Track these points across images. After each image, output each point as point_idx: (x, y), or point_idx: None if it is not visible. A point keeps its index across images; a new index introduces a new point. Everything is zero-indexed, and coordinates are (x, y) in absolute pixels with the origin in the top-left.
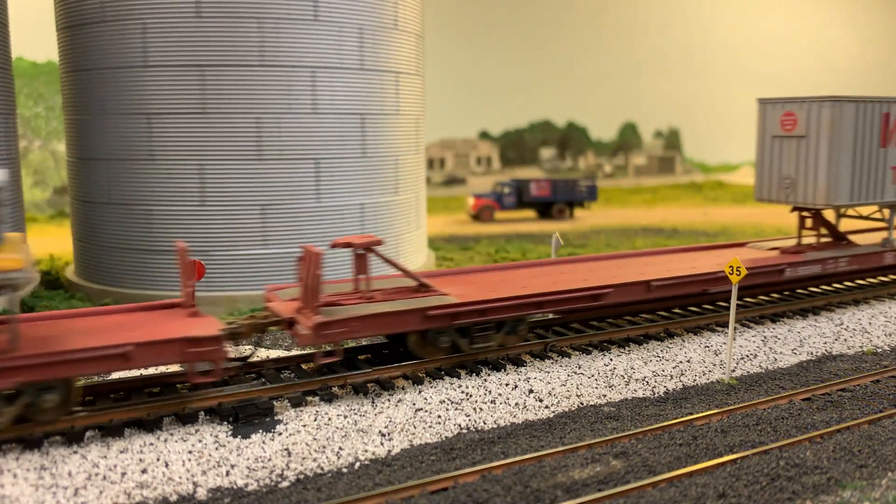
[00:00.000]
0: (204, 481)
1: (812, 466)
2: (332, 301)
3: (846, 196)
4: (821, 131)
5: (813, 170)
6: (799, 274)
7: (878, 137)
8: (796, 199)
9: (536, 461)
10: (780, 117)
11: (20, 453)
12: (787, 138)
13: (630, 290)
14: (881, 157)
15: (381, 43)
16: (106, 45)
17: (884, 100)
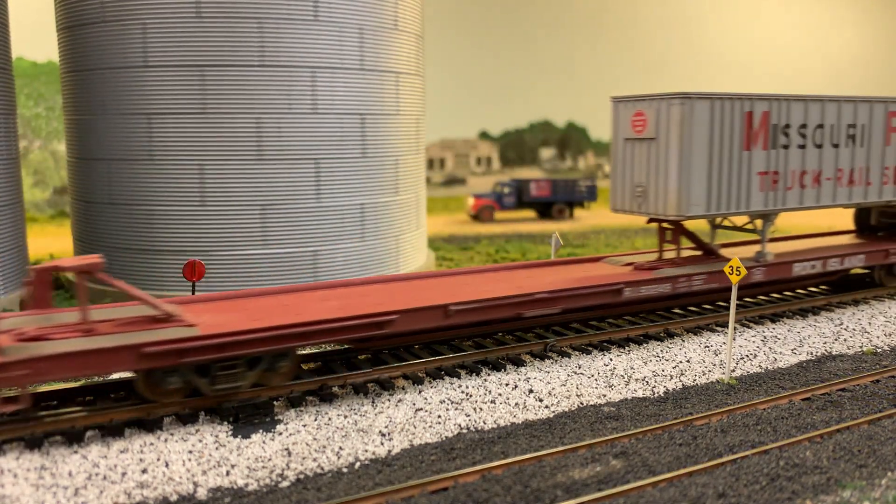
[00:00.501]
0: (204, 481)
1: (812, 466)
2: (39, 335)
3: (702, 206)
4: (670, 133)
5: (663, 177)
6: (641, 294)
7: (740, 139)
8: (648, 209)
9: (536, 461)
10: (631, 118)
11: (20, 453)
12: (639, 141)
13: (423, 317)
14: (745, 161)
15: (381, 43)
16: (106, 45)
17: (745, 96)
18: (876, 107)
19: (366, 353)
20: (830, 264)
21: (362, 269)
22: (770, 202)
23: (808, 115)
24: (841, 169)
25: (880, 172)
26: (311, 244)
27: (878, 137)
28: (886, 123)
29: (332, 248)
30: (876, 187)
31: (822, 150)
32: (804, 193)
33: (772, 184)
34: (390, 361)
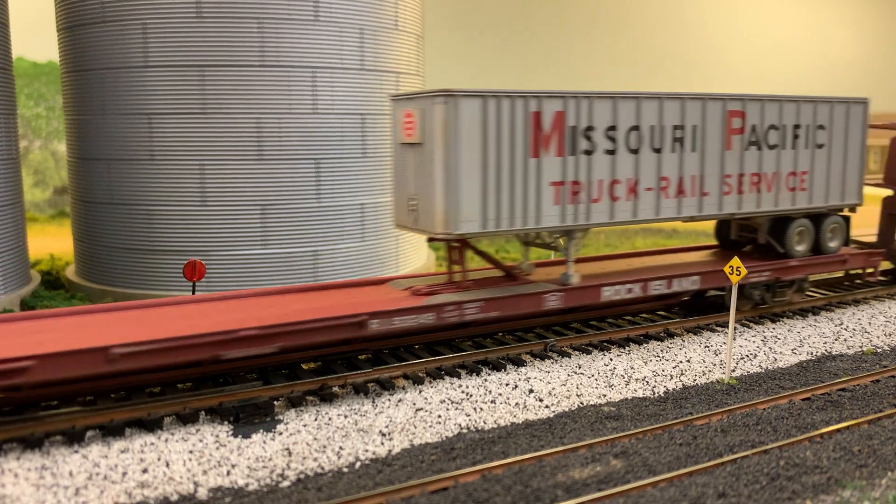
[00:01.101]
0: (205, 481)
1: (812, 466)
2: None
3: (476, 222)
4: (435, 137)
5: (430, 188)
6: (395, 326)
7: (525, 144)
8: (420, 225)
9: (537, 461)
10: (402, 119)
11: (21, 453)
12: (409, 146)
13: (71, 363)
14: (533, 169)
15: (381, 43)
16: (106, 45)
17: (530, 94)
18: (710, 105)
19: (365, 353)
20: (653, 288)
21: (362, 270)
22: (569, 217)
23: (617, 116)
24: (666, 178)
25: (719, 181)
26: (312, 244)
27: (714, 141)
28: (725, 124)
29: (332, 248)
30: (714, 198)
31: (638, 157)
32: (616, 207)
33: (571, 196)
34: (390, 361)
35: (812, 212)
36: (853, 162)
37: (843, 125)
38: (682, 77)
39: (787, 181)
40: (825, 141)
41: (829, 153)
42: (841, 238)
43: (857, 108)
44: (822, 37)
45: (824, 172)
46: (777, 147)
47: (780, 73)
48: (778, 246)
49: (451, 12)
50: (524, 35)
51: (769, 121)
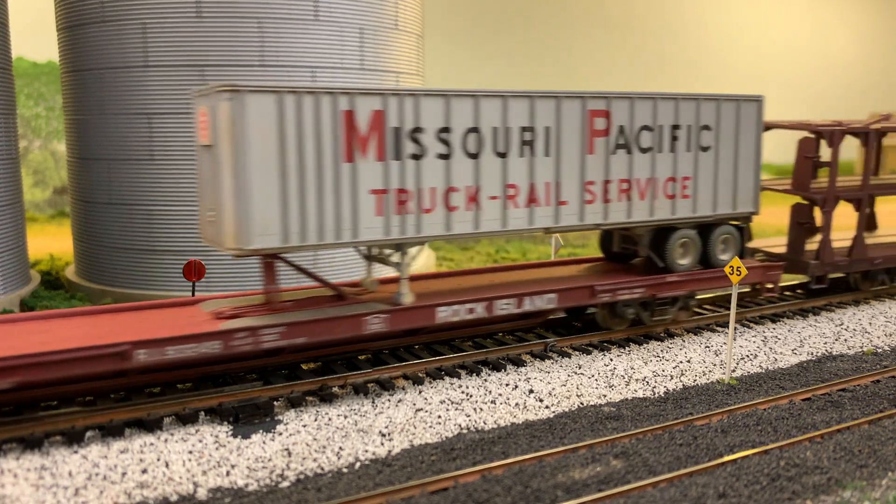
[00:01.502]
0: (204, 481)
1: (812, 466)
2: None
3: (275, 236)
4: (222, 138)
5: (221, 196)
6: (168, 357)
7: (335, 147)
8: (217, 238)
9: (537, 461)
10: (199, 118)
11: (21, 453)
12: (205, 149)
13: None
14: (346, 176)
15: (381, 43)
16: (106, 45)
17: (338, 91)
18: (566, 104)
19: (365, 353)
20: (499, 307)
21: (362, 269)
22: (395, 229)
23: (451, 116)
24: (514, 185)
25: (580, 189)
26: None
27: (572, 144)
28: (586, 126)
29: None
30: (574, 207)
31: (479, 162)
32: (453, 217)
33: (397, 206)
34: (390, 361)
35: (698, 222)
36: (746, 166)
37: (732, 126)
38: (682, 77)
39: (665, 188)
40: (711, 143)
41: (717, 157)
42: (734, 250)
43: (749, 106)
44: (822, 37)
45: (711, 178)
46: (651, 150)
47: (780, 73)
48: (658, 259)
49: (452, 12)
50: (525, 35)
51: (641, 121)
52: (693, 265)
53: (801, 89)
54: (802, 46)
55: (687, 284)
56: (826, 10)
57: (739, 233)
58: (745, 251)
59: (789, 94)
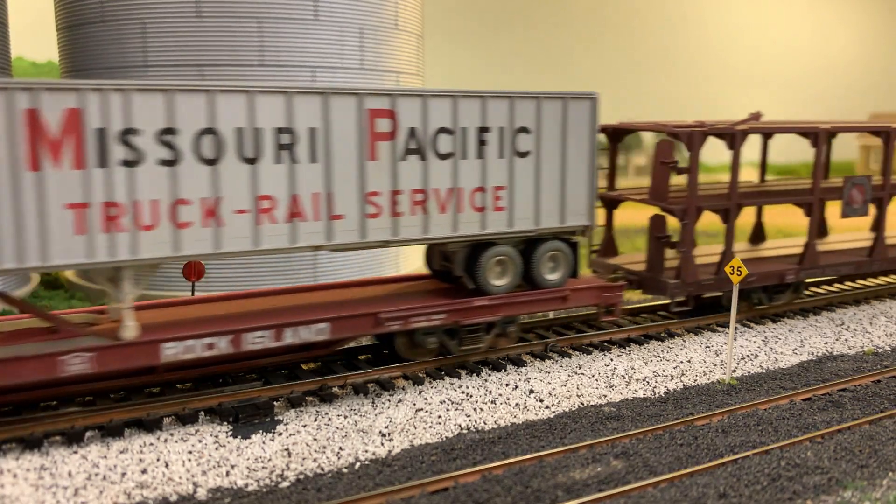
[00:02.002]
0: (204, 481)
1: (813, 466)
2: None
3: None
4: None
5: None
6: None
7: (13, 153)
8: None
9: (537, 461)
10: None
11: (20, 453)
12: None
13: None
14: (31, 188)
15: (381, 43)
16: (106, 45)
17: (14, 85)
18: (336, 102)
19: (366, 353)
20: (250, 341)
21: (363, 269)
22: (102, 251)
23: (176, 115)
24: (269, 196)
25: (359, 200)
26: None
27: (347, 148)
28: (365, 127)
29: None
30: (353, 222)
31: (217, 169)
32: (184, 235)
33: (104, 222)
34: (390, 361)
35: (518, 237)
36: (578, 174)
37: (558, 128)
38: (682, 77)
39: (472, 199)
40: (531, 148)
41: (539, 163)
42: (566, 268)
43: (579, 105)
44: (822, 37)
45: (531, 188)
46: (453, 156)
47: (780, 73)
48: (469, 280)
49: (452, 12)
50: (526, 35)
51: (438, 123)
52: (512, 286)
53: (801, 89)
54: (802, 46)
55: (500, 309)
56: (826, 10)
57: (572, 249)
58: (577, 269)
59: (789, 95)
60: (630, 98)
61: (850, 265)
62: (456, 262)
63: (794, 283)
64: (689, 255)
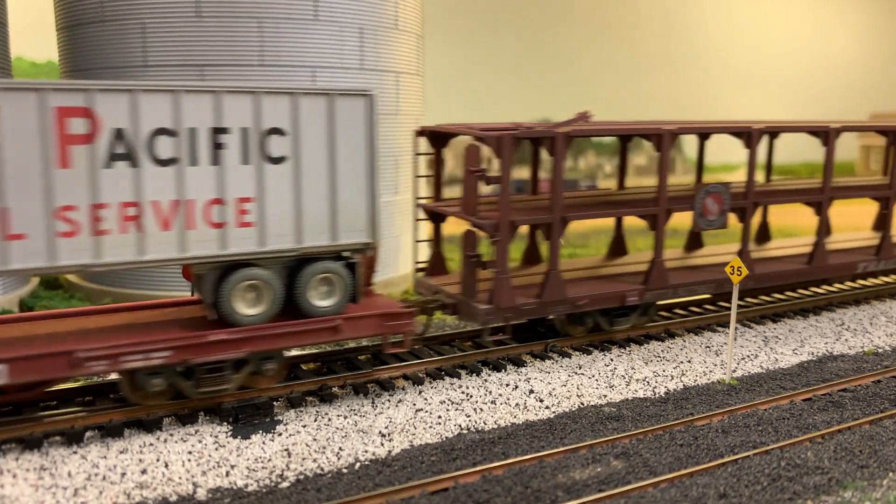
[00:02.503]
0: (204, 482)
1: (813, 467)
2: None
3: None
4: None
5: None
6: None
7: None
8: None
9: (537, 461)
10: None
11: (20, 453)
12: None
13: None
14: None
15: (381, 43)
16: (105, 44)
17: None
18: (6, 99)
19: (366, 353)
20: None
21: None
22: None
23: None
24: None
25: (46, 217)
26: None
27: (21, 155)
28: (51, 129)
29: None
30: (37, 243)
31: None
32: None
33: None
34: (390, 361)
35: (275, 257)
36: (353, 183)
37: (324, 129)
38: (683, 77)
39: (207, 214)
40: (288, 153)
41: (299, 171)
42: (342, 293)
43: (350, 104)
44: (822, 37)
45: (290, 200)
46: (177, 162)
47: (780, 73)
48: (211, 309)
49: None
50: (526, 35)
51: (154, 123)
52: (269, 316)
53: (801, 89)
54: (802, 46)
55: (244, 343)
56: (826, 10)
57: (350, 270)
58: (358, 293)
59: (789, 95)
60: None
61: (710, 284)
62: (204, 288)
63: (642, 305)
64: (503, 276)
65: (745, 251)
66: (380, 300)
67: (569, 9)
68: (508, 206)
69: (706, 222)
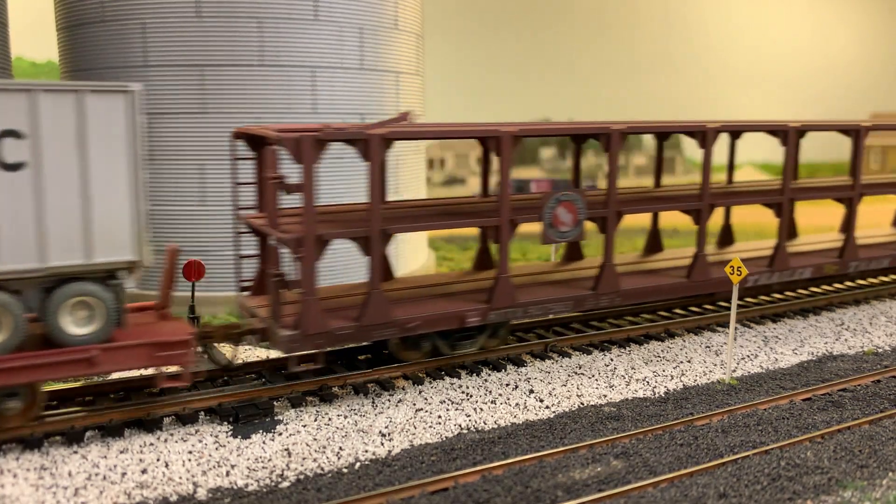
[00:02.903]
0: (204, 481)
1: (813, 466)
2: None
3: None
4: None
5: None
6: None
7: None
8: None
9: (537, 461)
10: None
11: (20, 453)
12: None
13: None
14: None
15: (381, 43)
16: (106, 44)
17: None
18: None
19: (366, 353)
20: None
21: (363, 271)
22: None
23: None
24: None
25: None
26: None
27: None
28: None
29: (332, 249)
30: None
31: None
32: None
33: None
34: (390, 361)
35: (15, 279)
36: (112, 193)
37: (72, 132)
38: (683, 77)
39: None
40: (26, 158)
41: (40, 179)
42: (104, 319)
43: (105, 102)
44: (822, 37)
45: (30, 212)
46: None
47: (780, 73)
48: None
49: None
50: (526, 35)
51: None
52: (12, 345)
53: (801, 89)
54: (802, 46)
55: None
56: (826, 10)
57: (113, 293)
58: (122, 318)
59: (789, 95)
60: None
61: (568, 301)
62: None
63: (491, 326)
64: (310, 298)
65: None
66: (168, 326)
67: (569, 9)
68: (314, 217)
69: (558, 234)
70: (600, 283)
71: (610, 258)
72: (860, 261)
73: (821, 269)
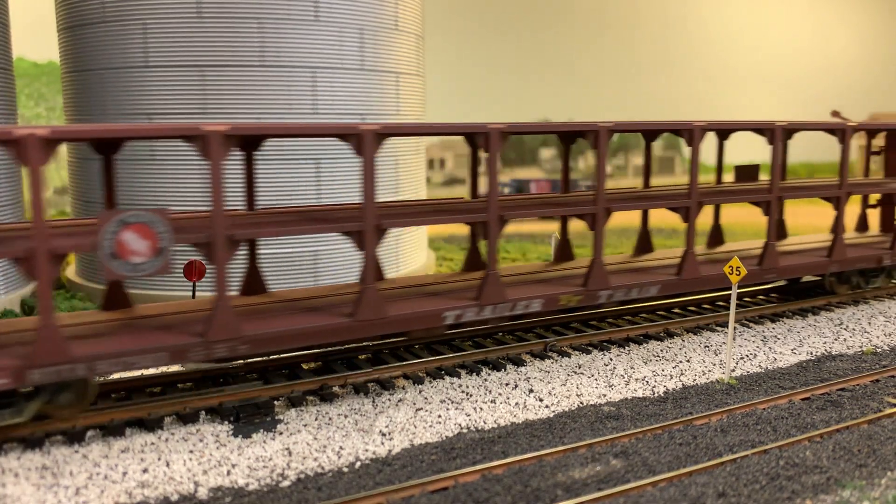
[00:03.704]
0: (205, 481)
1: (812, 466)
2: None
3: None
4: None
5: None
6: None
7: None
8: None
9: (536, 460)
10: None
11: (22, 453)
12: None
13: None
14: None
15: (381, 43)
16: (107, 45)
17: None
18: None
19: (365, 352)
20: None
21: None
22: None
23: None
24: None
25: None
26: (312, 244)
27: None
28: None
29: (332, 249)
30: None
31: None
32: None
33: None
34: (390, 361)
35: None
36: None
37: None
38: (683, 77)
39: None
40: None
41: None
42: None
43: None
44: (822, 37)
45: None
46: None
47: (780, 73)
48: None
49: (452, 12)
50: (527, 35)
51: None
52: None
53: (801, 89)
54: (802, 47)
55: None
56: (826, 10)
57: None
58: None
59: (790, 95)
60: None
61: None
62: None
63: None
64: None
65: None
66: None
67: (569, 9)
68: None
69: (128, 267)
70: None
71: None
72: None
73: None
